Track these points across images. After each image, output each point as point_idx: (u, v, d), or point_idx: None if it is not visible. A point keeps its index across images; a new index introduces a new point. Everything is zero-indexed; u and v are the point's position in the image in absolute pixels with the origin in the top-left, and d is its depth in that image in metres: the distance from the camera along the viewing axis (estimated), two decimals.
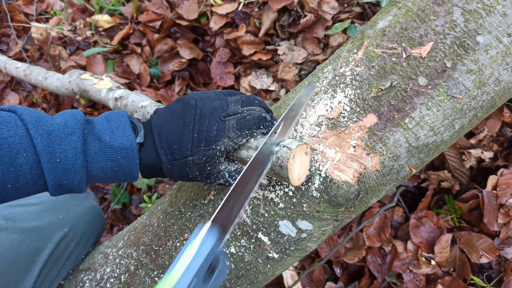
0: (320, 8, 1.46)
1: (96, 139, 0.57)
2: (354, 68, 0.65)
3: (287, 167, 0.54)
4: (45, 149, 0.53)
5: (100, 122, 0.59)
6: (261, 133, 0.60)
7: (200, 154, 0.58)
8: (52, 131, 0.54)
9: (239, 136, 0.58)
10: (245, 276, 0.71)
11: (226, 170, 0.61)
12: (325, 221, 0.65)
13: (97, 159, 0.57)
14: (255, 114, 0.60)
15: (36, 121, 0.54)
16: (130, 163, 0.58)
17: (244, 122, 0.59)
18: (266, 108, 0.64)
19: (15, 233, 0.77)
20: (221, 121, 0.59)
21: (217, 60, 1.62)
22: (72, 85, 1.31)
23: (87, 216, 0.93)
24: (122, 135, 0.58)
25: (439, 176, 1.24)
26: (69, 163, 0.54)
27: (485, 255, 1.04)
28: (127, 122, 0.59)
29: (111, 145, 0.57)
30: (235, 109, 0.60)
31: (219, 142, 0.58)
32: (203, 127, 0.59)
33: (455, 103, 0.60)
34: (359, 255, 1.18)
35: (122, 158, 0.57)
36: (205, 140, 0.58)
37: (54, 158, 0.53)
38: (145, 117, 0.89)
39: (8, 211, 0.81)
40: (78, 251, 0.88)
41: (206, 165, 0.59)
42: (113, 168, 0.58)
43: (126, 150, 0.57)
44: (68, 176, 0.55)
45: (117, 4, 1.84)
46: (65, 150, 0.54)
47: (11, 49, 2.07)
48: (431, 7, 0.62)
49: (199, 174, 0.60)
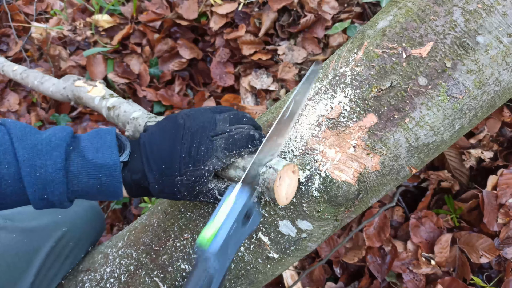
0: (320, 8, 1.46)
1: (80, 155, 0.56)
2: (354, 68, 0.65)
3: (273, 189, 0.54)
4: (26, 162, 0.53)
5: (86, 139, 0.59)
6: (249, 152, 0.59)
7: (188, 175, 0.58)
8: (35, 145, 0.54)
9: (228, 156, 0.58)
10: (245, 276, 0.71)
11: (216, 188, 0.60)
12: (325, 221, 0.65)
13: (79, 176, 0.56)
14: (243, 133, 0.59)
15: (22, 135, 0.55)
16: (113, 182, 0.58)
17: (232, 142, 0.58)
18: (254, 125, 0.63)
19: (14, 233, 0.77)
20: (209, 141, 0.58)
21: (217, 60, 1.62)
22: (67, 91, 1.31)
23: (86, 216, 0.93)
24: (106, 152, 0.57)
25: (439, 176, 1.24)
26: (49, 178, 0.54)
27: (485, 255, 1.04)
28: (113, 140, 0.59)
29: (94, 162, 0.56)
30: (223, 128, 0.59)
31: (207, 162, 0.58)
32: (191, 147, 0.58)
33: (455, 103, 0.60)
34: (359, 255, 1.18)
35: (104, 176, 0.57)
36: (193, 160, 0.58)
37: (34, 172, 0.53)
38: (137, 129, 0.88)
39: (7, 210, 0.81)
40: (77, 251, 0.88)
41: (194, 185, 0.59)
42: (95, 185, 0.57)
43: (109, 169, 0.57)
44: (48, 191, 0.55)
45: (117, 4, 1.84)
46: (45, 164, 0.54)
47: (11, 49, 2.07)
48: (431, 7, 0.62)
49: (188, 194, 0.60)
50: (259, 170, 0.56)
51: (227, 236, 0.49)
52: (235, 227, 0.51)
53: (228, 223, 0.50)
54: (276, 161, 0.56)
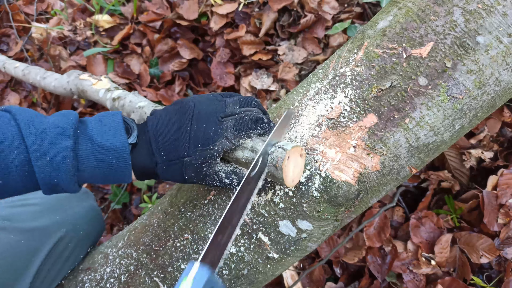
0: (320, 8, 1.46)
1: (88, 139, 0.57)
2: (355, 68, 0.65)
3: (281, 168, 0.54)
4: (35, 148, 0.53)
5: (93, 123, 0.59)
6: (258, 134, 0.60)
7: (197, 155, 0.58)
8: (43, 130, 0.54)
9: (237, 137, 0.59)
10: (245, 276, 0.71)
11: (222, 170, 0.61)
12: (325, 221, 0.65)
13: (88, 159, 0.56)
14: (253, 115, 0.60)
15: (29, 120, 0.55)
16: (122, 164, 0.58)
17: (242, 123, 0.59)
18: (263, 109, 0.64)
19: (12, 233, 0.77)
20: (219, 122, 0.59)
21: (217, 60, 1.62)
22: (71, 85, 1.31)
23: (86, 216, 0.93)
24: (114, 135, 0.57)
25: (439, 176, 1.24)
26: (59, 162, 0.54)
27: (485, 255, 1.04)
28: (120, 122, 0.59)
29: (102, 145, 0.56)
30: (233, 110, 0.60)
31: (216, 142, 0.58)
32: (200, 128, 0.59)
33: (455, 103, 0.60)
34: (359, 255, 1.18)
35: (113, 159, 0.57)
36: (202, 140, 0.58)
37: (44, 157, 0.54)
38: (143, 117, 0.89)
39: (6, 211, 0.81)
40: (77, 251, 0.88)
41: (202, 166, 0.59)
42: (105, 168, 0.57)
43: (117, 151, 0.57)
44: (58, 175, 0.55)
45: (117, 4, 1.84)
46: (54, 149, 0.54)
47: (12, 49, 2.07)
48: (431, 7, 0.62)
49: (195, 175, 0.60)
50: (268, 149, 0.56)
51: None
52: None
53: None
54: (285, 143, 0.57)
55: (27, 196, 0.88)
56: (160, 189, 1.60)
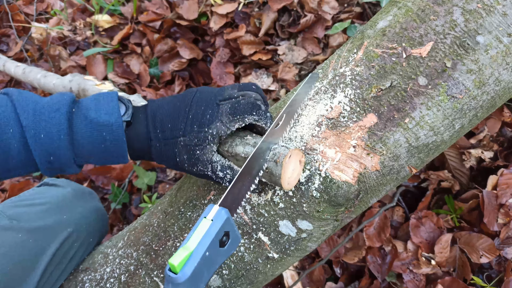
0: (320, 8, 1.46)
1: (82, 116, 0.58)
2: (354, 68, 0.65)
3: (281, 165, 0.55)
4: (29, 125, 0.55)
5: (88, 101, 0.60)
6: (253, 120, 0.60)
7: (192, 136, 0.59)
8: (38, 109, 0.56)
9: (232, 121, 0.59)
10: (245, 276, 0.71)
11: (219, 162, 0.60)
12: (325, 221, 0.65)
13: (83, 135, 0.57)
14: (249, 100, 0.61)
15: (24, 100, 0.56)
16: (117, 141, 0.58)
17: (237, 107, 0.59)
18: (262, 95, 0.64)
19: (20, 233, 0.78)
20: (216, 105, 0.60)
21: (217, 60, 1.62)
22: (73, 83, 1.31)
23: (91, 217, 0.93)
24: (108, 112, 0.58)
25: (439, 176, 1.24)
26: (53, 139, 0.55)
27: (485, 255, 1.04)
28: (115, 100, 0.60)
29: (96, 121, 0.57)
30: (231, 93, 0.61)
31: (211, 125, 0.59)
32: (198, 110, 0.59)
33: (455, 103, 0.60)
34: (359, 255, 1.18)
35: (107, 135, 0.58)
36: (199, 122, 0.59)
37: (38, 134, 0.55)
38: None
39: (13, 210, 0.81)
40: (82, 251, 0.88)
41: (196, 148, 0.59)
42: (100, 145, 0.58)
43: (111, 127, 0.58)
44: (53, 153, 0.56)
45: (117, 4, 1.84)
46: (48, 126, 0.55)
47: (11, 49, 2.07)
48: (431, 7, 0.62)
49: (187, 158, 0.60)
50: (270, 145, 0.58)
51: (201, 259, 0.46)
52: (212, 249, 0.47)
53: (203, 246, 0.46)
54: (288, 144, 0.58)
55: (33, 196, 0.88)
56: (160, 189, 1.60)
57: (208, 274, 0.48)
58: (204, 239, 0.47)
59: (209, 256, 0.47)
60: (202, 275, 0.47)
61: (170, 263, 0.46)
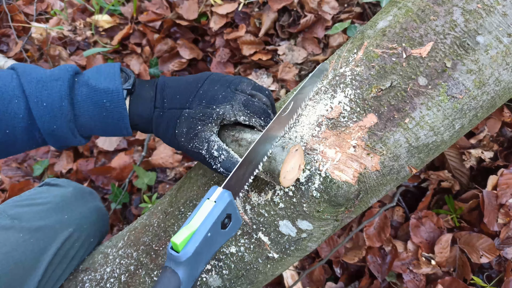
0: (320, 8, 1.46)
1: (84, 84, 0.59)
2: (354, 68, 0.65)
3: (288, 151, 0.55)
4: (32, 94, 0.56)
5: (90, 71, 0.61)
6: (258, 124, 0.61)
7: (197, 109, 0.59)
8: (40, 79, 0.57)
9: (241, 111, 0.59)
10: (245, 276, 0.71)
11: (217, 142, 0.60)
12: (325, 221, 0.65)
13: (84, 103, 0.59)
14: (261, 104, 0.61)
15: (28, 72, 0.58)
16: (117, 107, 0.59)
17: (251, 103, 0.60)
18: (272, 103, 0.65)
19: (21, 232, 0.78)
20: (231, 91, 0.61)
21: (217, 60, 1.62)
22: None
23: (92, 216, 0.94)
24: (109, 79, 0.59)
25: (439, 176, 1.24)
26: (55, 107, 0.57)
27: (485, 255, 1.04)
28: (117, 70, 0.61)
29: (97, 88, 0.58)
30: (245, 88, 0.62)
31: (221, 105, 0.59)
32: (211, 88, 0.61)
33: (455, 103, 0.60)
34: (359, 255, 1.18)
35: (108, 102, 0.59)
36: (208, 99, 0.60)
37: (41, 103, 0.56)
38: None
39: (14, 210, 0.81)
40: (83, 251, 0.89)
41: (198, 122, 0.60)
42: (101, 113, 0.59)
43: (111, 93, 0.59)
44: (55, 121, 0.57)
45: (117, 4, 1.84)
46: (50, 94, 0.57)
47: (11, 49, 2.07)
48: (431, 7, 0.62)
49: (186, 132, 0.60)
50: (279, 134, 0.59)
51: (203, 239, 0.47)
52: (214, 230, 0.48)
53: (206, 226, 0.47)
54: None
55: (34, 196, 0.88)
56: (160, 189, 1.60)
57: (208, 254, 0.49)
58: (207, 219, 0.47)
59: (210, 237, 0.48)
60: (203, 255, 0.48)
61: (173, 241, 0.46)
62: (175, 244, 0.46)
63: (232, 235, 0.52)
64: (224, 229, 0.50)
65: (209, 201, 0.49)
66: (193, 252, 0.46)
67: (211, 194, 0.50)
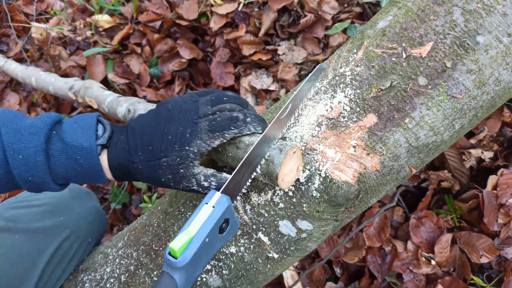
0: (320, 8, 1.46)
1: (60, 139, 0.59)
2: (354, 68, 0.65)
3: (286, 153, 0.55)
4: (10, 146, 0.57)
5: (68, 123, 0.61)
6: (233, 134, 0.60)
7: (173, 155, 0.59)
8: (19, 130, 0.58)
9: (211, 138, 0.59)
10: (245, 276, 0.71)
11: (201, 173, 0.60)
12: (325, 221, 0.65)
13: (59, 158, 0.59)
14: (226, 116, 0.60)
15: (7, 120, 0.58)
16: (91, 164, 0.60)
17: (215, 124, 0.60)
18: (239, 102, 0.64)
19: (17, 234, 0.78)
20: (193, 123, 0.60)
21: (217, 60, 1.62)
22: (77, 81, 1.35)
23: (89, 217, 0.93)
24: (83, 135, 0.59)
25: (439, 176, 1.24)
26: (30, 160, 0.57)
27: (485, 255, 1.04)
28: (93, 123, 0.61)
29: (71, 145, 0.59)
30: (205, 110, 0.61)
31: (191, 143, 0.59)
32: (177, 129, 0.60)
33: (455, 103, 0.60)
34: (359, 255, 1.18)
35: (81, 158, 0.59)
36: (179, 141, 0.59)
37: (17, 155, 0.57)
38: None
39: (10, 213, 0.81)
40: (81, 252, 0.89)
41: (179, 167, 0.59)
42: (75, 168, 0.60)
43: (85, 150, 0.59)
44: (31, 173, 0.58)
45: (117, 4, 1.84)
46: (27, 148, 0.57)
47: (11, 50, 2.07)
48: (431, 7, 0.62)
49: (172, 177, 0.60)
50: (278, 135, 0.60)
51: (201, 245, 0.47)
52: (212, 235, 0.48)
53: (204, 232, 0.47)
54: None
55: (30, 198, 0.88)
56: (160, 189, 1.60)
57: (205, 259, 0.49)
58: (205, 225, 0.48)
59: (208, 242, 0.48)
60: (201, 260, 0.48)
61: (171, 247, 0.46)
62: (173, 250, 0.46)
63: (229, 239, 0.52)
64: (222, 233, 0.50)
65: (207, 206, 0.49)
66: (191, 258, 0.46)
67: (210, 199, 0.50)
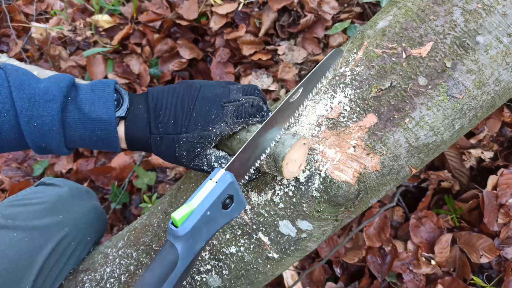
0: (320, 8, 1.46)
1: (77, 108, 0.58)
2: (354, 68, 0.65)
3: (299, 138, 0.56)
4: (23, 112, 0.55)
5: (85, 91, 0.60)
6: (256, 122, 0.62)
7: (195, 133, 0.60)
8: (33, 96, 0.56)
9: (236, 123, 0.60)
10: (245, 276, 0.71)
11: (213, 154, 0.62)
12: (325, 221, 0.65)
13: (75, 127, 0.58)
14: (253, 103, 0.62)
15: (20, 84, 0.56)
16: (108, 136, 0.59)
17: (242, 110, 0.61)
18: (264, 99, 0.66)
19: (15, 232, 0.78)
20: (221, 107, 0.61)
21: (217, 60, 1.62)
22: None
23: (88, 216, 0.93)
24: (102, 107, 0.59)
25: (439, 176, 1.24)
26: (46, 129, 0.56)
27: (485, 255, 1.04)
28: (111, 93, 0.60)
29: (89, 116, 0.58)
30: (236, 96, 0.62)
31: (216, 125, 0.60)
32: (203, 109, 0.60)
33: (455, 103, 0.60)
34: (359, 255, 1.18)
35: (99, 130, 0.59)
36: (203, 121, 0.60)
37: (32, 122, 0.56)
38: None
39: (9, 210, 0.81)
40: (80, 251, 0.88)
41: (197, 145, 0.60)
42: (91, 138, 0.59)
43: (104, 123, 0.58)
44: (45, 140, 0.57)
45: (117, 4, 1.84)
46: (42, 115, 0.56)
47: (11, 50, 2.07)
48: (431, 7, 0.62)
49: (186, 154, 0.61)
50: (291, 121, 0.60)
51: (202, 217, 0.48)
52: (214, 209, 0.50)
53: (205, 205, 0.49)
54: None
55: (30, 196, 0.88)
56: (160, 189, 1.60)
57: (208, 232, 0.51)
58: (207, 199, 0.49)
59: (210, 216, 0.49)
60: (202, 232, 0.50)
61: (173, 216, 0.48)
62: (175, 219, 0.48)
63: (235, 216, 0.53)
64: (226, 209, 0.51)
65: (211, 181, 0.51)
66: (191, 228, 0.48)
67: (214, 175, 0.51)
